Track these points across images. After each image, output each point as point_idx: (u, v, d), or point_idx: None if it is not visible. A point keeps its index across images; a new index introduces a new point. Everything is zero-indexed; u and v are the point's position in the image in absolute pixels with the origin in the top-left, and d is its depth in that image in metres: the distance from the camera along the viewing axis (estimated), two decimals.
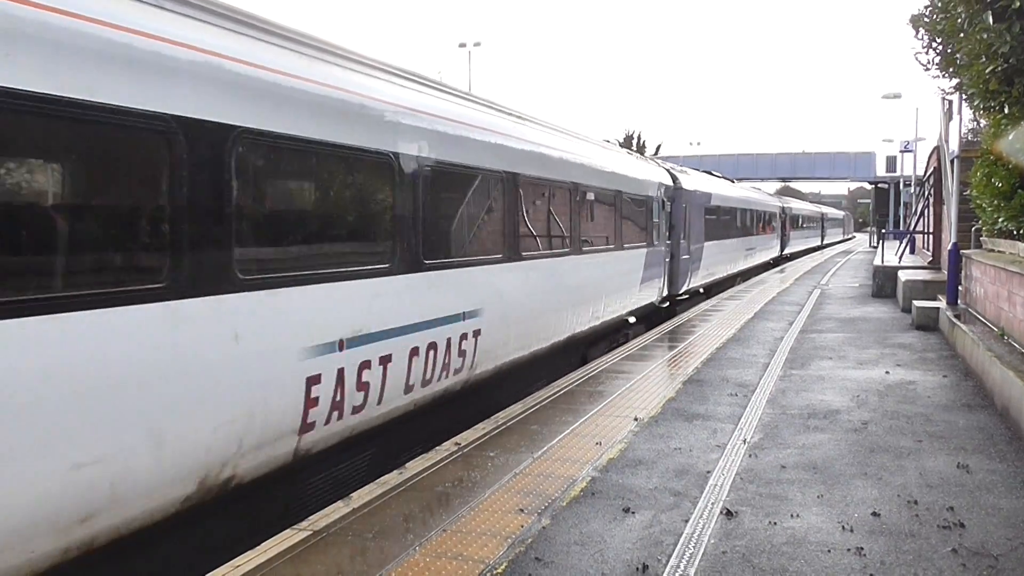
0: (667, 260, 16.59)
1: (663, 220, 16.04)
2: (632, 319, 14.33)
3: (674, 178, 17.59)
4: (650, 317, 15.74)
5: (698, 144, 77.61)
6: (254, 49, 5.41)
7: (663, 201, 16.02)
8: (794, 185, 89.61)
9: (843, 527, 5.09)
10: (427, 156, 7.24)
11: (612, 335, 13.54)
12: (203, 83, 4.85)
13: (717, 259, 22.29)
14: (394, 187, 6.80)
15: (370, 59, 6.97)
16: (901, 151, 46.95)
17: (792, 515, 5.29)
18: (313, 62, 6.04)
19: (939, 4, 10.49)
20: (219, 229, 4.95)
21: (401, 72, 7.39)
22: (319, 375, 5.74)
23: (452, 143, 7.80)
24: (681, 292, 18.04)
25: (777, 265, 34.89)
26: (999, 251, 11.93)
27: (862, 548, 4.76)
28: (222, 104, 4.97)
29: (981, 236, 13.81)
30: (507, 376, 9.19)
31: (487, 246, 8.70)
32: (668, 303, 17.11)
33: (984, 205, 12.21)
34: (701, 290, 20.62)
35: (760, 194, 36.37)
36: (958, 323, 11.69)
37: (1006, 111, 9.58)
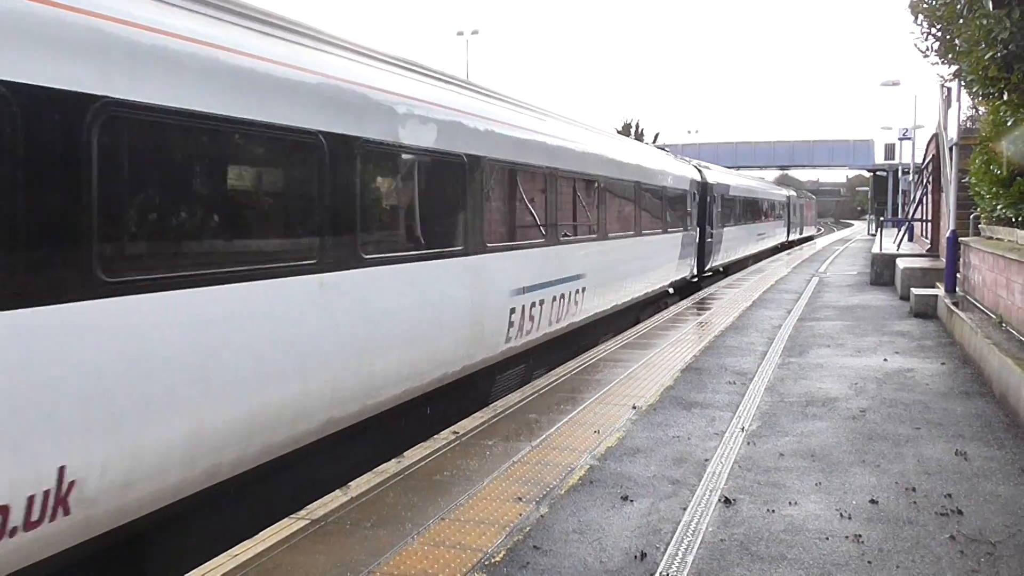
0: (789, 228, 40.61)
1: (788, 211, 40.84)
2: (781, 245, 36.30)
3: (789, 191, 43.30)
4: (775, 251, 35.69)
5: (696, 132, 77.52)
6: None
7: (791, 203, 40.66)
8: (793, 173, 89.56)
9: (841, 514, 5.09)
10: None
11: (771, 254, 31.10)
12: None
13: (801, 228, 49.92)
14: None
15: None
16: (900, 138, 46.83)
17: (790, 503, 5.30)
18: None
19: None
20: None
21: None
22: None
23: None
24: (796, 239, 42.22)
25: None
26: (997, 239, 11.92)
27: (860, 535, 4.77)
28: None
29: (979, 224, 13.81)
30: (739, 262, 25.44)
31: (757, 220, 30.74)
32: (791, 244, 39.78)
33: (983, 192, 12.21)
34: (798, 237, 46.35)
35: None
36: (956, 311, 11.69)
37: (1005, 98, 9.55)
